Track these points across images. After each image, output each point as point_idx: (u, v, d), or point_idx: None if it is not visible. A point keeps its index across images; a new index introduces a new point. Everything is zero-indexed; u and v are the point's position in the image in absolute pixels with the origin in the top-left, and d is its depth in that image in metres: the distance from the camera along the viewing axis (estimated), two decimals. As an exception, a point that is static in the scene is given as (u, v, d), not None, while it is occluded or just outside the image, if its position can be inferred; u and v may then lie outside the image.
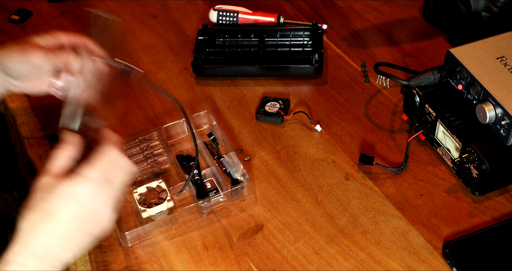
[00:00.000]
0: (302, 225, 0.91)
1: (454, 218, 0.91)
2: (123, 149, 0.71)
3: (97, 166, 0.69)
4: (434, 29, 1.21)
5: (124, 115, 1.09)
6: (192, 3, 1.34)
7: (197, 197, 0.92)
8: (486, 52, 0.94)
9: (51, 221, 0.66)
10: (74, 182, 0.67)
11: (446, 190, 0.95)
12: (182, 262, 0.88)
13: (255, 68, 1.13)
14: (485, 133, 0.91)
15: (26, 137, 1.07)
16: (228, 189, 0.93)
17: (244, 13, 1.23)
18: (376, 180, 0.97)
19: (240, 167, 0.95)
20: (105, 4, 1.34)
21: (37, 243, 0.65)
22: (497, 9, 1.05)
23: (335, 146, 1.02)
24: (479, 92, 0.91)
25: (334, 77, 1.14)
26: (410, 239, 0.89)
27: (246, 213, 0.93)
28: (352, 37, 1.22)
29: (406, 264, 0.86)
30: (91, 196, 0.68)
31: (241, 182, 0.94)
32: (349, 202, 0.94)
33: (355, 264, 0.86)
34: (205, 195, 0.93)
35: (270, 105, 1.07)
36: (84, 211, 0.67)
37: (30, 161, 1.04)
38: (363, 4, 1.30)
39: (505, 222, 0.88)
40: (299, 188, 0.96)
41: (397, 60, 1.17)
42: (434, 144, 0.99)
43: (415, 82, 0.96)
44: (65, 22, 1.30)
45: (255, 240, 0.90)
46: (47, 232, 0.65)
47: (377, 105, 1.09)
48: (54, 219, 0.66)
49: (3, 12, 1.32)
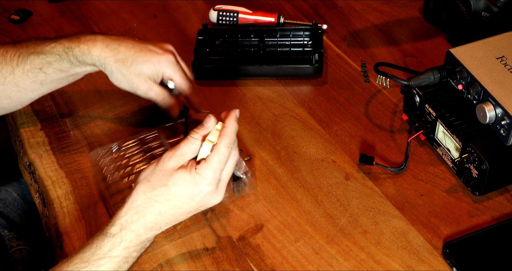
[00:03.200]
0: (302, 225, 0.91)
1: (454, 218, 0.91)
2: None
3: (216, 167, 0.77)
4: (434, 29, 1.21)
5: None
6: (192, 3, 1.34)
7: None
8: (486, 52, 0.94)
9: (165, 204, 0.76)
10: (194, 180, 0.76)
11: (446, 190, 0.95)
12: (182, 262, 0.88)
13: (255, 68, 1.13)
14: (485, 133, 0.91)
15: (26, 137, 1.07)
16: (230, 186, 0.94)
17: (244, 13, 1.23)
18: (376, 180, 0.97)
19: (242, 164, 0.95)
20: (105, 4, 1.34)
21: (149, 218, 0.76)
22: (497, 9, 1.05)
23: (335, 146, 1.02)
24: (479, 92, 0.91)
25: (334, 77, 1.14)
26: (410, 239, 0.89)
27: (246, 213, 0.93)
28: (352, 37, 1.23)
29: (406, 264, 0.86)
30: (204, 195, 0.77)
31: (243, 179, 0.94)
32: (349, 202, 0.94)
33: (355, 264, 0.86)
34: None
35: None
36: (195, 204, 0.78)
37: (30, 161, 1.04)
38: (363, 4, 1.30)
39: (505, 222, 0.88)
40: (299, 188, 0.96)
41: (397, 60, 1.17)
42: (434, 144, 0.99)
43: (415, 82, 0.96)
44: (65, 22, 1.30)
45: (255, 240, 0.90)
46: (160, 211, 0.76)
47: (377, 105, 1.09)
48: (168, 203, 0.76)
49: (3, 12, 1.32)
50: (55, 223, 0.95)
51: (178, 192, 0.76)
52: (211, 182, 0.77)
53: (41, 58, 0.90)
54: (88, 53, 0.91)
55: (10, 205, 1.15)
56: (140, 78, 0.93)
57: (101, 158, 0.98)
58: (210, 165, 0.77)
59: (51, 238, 0.97)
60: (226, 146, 0.78)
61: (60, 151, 1.04)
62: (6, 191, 1.16)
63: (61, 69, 0.91)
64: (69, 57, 0.91)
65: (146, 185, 0.77)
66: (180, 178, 0.76)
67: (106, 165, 0.97)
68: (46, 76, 0.92)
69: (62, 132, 1.07)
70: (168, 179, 0.76)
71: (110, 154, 0.98)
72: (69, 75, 0.94)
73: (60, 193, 0.98)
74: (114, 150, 0.99)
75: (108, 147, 0.99)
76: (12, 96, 0.93)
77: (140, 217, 0.76)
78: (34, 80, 0.92)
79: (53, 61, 0.91)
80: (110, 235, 0.76)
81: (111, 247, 0.75)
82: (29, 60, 0.90)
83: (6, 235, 1.10)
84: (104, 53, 0.91)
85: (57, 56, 0.90)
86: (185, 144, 0.78)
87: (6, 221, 1.12)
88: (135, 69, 0.92)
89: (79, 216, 0.94)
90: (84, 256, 0.75)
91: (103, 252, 0.75)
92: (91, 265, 0.74)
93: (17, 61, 0.90)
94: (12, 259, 1.07)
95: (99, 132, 1.07)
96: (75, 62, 0.91)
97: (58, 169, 1.01)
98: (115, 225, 0.76)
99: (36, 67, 0.90)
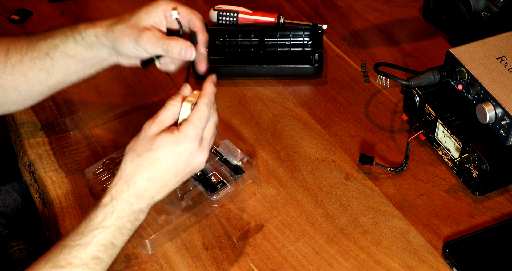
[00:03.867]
0: (302, 225, 0.91)
1: (454, 218, 0.91)
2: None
3: (197, 124, 0.78)
4: (434, 29, 1.21)
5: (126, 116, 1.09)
6: (192, 3, 1.33)
7: (209, 192, 0.93)
8: (486, 52, 0.94)
9: (153, 168, 0.77)
10: (177, 139, 0.77)
11: (446, 190, 0.95)
12: (182, 262, 0.88)
13: (255, 68, 1.13)
14: (485, 133, 0.91)
15: (26, 137, 1.07)
16: (232, 177, 0.94)
17: (244, 13, 1.23)
18: (376, 180, 0.97)
19: (237, 152, 0.95)
20: (105, 4, 1.34)
21: (138, 185, 0.76)
22: (497, 9, 1.05)
23: (335, 146, 1.02)
24: (479, 92, 0.91)
25: (334, 77, 1.14)
26: (410, 239, 0.89)
27: (246, 213, 0.93)
28: (352, 37, 1.23)
29: (406, 264, 0.86)
30: (189, 152, 0.78)
31: (240, 166, 0.95)
32: (349, 202, 0.94)
33: (355, 264, 0.86)
34: (214, 189, 0.94)
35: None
36: (181, 163, 0.78)
37: (30, 161, 1.04)
38: (363, 4, 1.30)
39: (505, 222, 0.88)
40: (299, 188, 0.96)
41: (397, 60, 1.17)
42: (434, 144, 0.99)
43: (415, 82, 0.96)
44: (65, 22, 1.30)
45: (255, 240, 0.90)
46: (148, 177, 0.77)
47: (377, 105, 1.09)
48: (155, 167, 0.77)
49: (3, 12, 1.32)
50: (55, 223, 0.95)
51: (163, 154, 0.77)
52: (193, 139, 0.78)
53: (48, 42, 0.89)
54: (92, 26, 0.88)
55: (10, 205, 1.15)
56: (139, 25, 0.85)
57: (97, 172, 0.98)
58: (191, 123, 0.78)
59: (51, 238, 0.97)
60: (206, 104, 0.79)
61: (60, 151, 1.04)
62: (6, 191, 1.16)
63: (67, 53, 0.89)
64: (74, 35, 0.88)
65: (132, 154, 0.77)
66: (163, 139, 0.77)
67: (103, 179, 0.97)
68: (52, 62, 0.89)
69: (62, 133, 1.07)
70: (152, 143, 0.77)
71: (105, 167, 0.98)
72: (76, 62, 0.90)
73: (60, 193, 0.98)
74: (108, 163, 0.99)
75: (102, 162, 0.98)
76: (20, 89, 0.91)
77: (130, 186, 0.76)
78: (41, 68, 0.89)
79: (59, 43, 0.88)
80: (102, 205, 0.76)
81: (104, 217, 0.75)
82: (37, 47, 0.89)
83: (6, 234, 1.10)
84: (106, 21, 0.88)
85: (63, 36, 0.89)
86: (163, 110, 0.79)
87: (6, 220, 1.12)
88: (134, 20, 0.86)
89: (79, 216, 0.94)
90: (79, 229, 0.75)
91: (96, 223, 0.75)
92: (86, 237, 0.75)
93: (26, 49, 0.89)
94: (12, 258, 1.07)
95: (99, 132, 1.07)
96: (80, 40, 0.88)
97: (58, 169, 1.01)
98: (106, 196, 0.76)
99: (43, 52, 0.89)
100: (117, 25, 0.86)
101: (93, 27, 0.88)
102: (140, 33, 0.84)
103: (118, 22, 0.86)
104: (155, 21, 0.86)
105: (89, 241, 0.74)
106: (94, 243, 0.74)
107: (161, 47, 0.83)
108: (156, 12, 0.85)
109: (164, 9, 0.86)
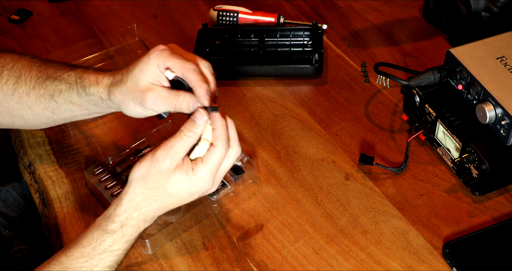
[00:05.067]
0: (302, 225, 0.91)
1: (454, 218, 0.91)
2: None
3: (213, 169, 0.78)
4: (434, 29, 1.21)
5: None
6: (192, 3, 1.34)
7: (210, 194, 0.93)
8: (486, 52, 0.94)
9: (164, 202, 0.78)
10: (192, 182, 0.77)
11: (446, 190, 0.95)
12: (182, 262, 0.88)
13: (255, 68, 1.13)
14: (485, 133, 0.91)
15: (26, 137, 1.07)
16: (232, 177, 0.94)
17: (244, 13, 1.23)
18: (376, 180, 0.97)
19: None
20: (105, 4, 1.34)
21: (148, 214, 0.79)
22: (497, 9, 1.05)
23: (335, 146, 1.02)
24: (479, 92, 0.91)
25: (334, 77, 1.14)
26: (410, 239, 0.89)
27: (246, 213, 0.94)
28: (352, 37, 1.23)
29: (406, 264, 0.86)
30: (202, 192, 0.79)
31: (241, 167, 0.95)
32: (349, 202, 0.94)
33: (355, 264, 0.86)
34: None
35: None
36: (191, 199, 0.80)
37: (30, 161, 1.04)
38: (363, 4, 1.30)
39: (505, 222, 0.88)
40: (299, 188, 0.96)
41: (397, 60, 1.17)
42: (434, 144, 0.99)
43: (415, 82, 0.96)
44: (65, 22, 1.30)
45: (255, 240, 0.90)
46: (158, 208, 0.79)
47: (377, 105, 1.09)
48: (167, 202, 0.79)
49: (3, 12, 1.32)
50: (55, 223, 0.95)
51: (176, 193, 0.78)
52: (208, 181, 0.78)
53: (55, 84, 0.86)
54: (95, 84, 0.84)
55: (11, 205, 1.15)
56: (140, 87, 0.80)
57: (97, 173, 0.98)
58: (208, 166, 0.77)
59: (51, 238, 0.97)
60: (223, 146, 0.77)
61: (60, 151, 1.04)
62: (7, 191, 1.16)
63: (71, 101, 0.86)
64: (78, 88, 0.85)
65: (143, 186, 0.77)
66: (177, 179, 0.77)
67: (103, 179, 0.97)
68: (57, 105, 0.87)
69: (62, 133, 1.07)
70: (166, 181, 0.77)
71: (104, 167, 0.98)
72: (82, 110, 0.87)
73: (60, 193, 0.98)
74: (108, 163, 0.99)
75: (102, 162, 0.98)
76: (26, 118, 0.90)
77: (140, 214, 0.78)
78: (46, 107, 0.87)
79: (64, 90, 0.86)
80: (111, 231, 0.77)
81: (112, 242, 0.77)
82: (44, 85, 0.87)
83: (7, 234, 1.10)
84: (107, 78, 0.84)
85: (68, 85, 0.85)
86: (178, 142, 0.77)
87: (7, 220, 1.12)
88: (132, 81, 0.80)
89: (79, 216, 0.94)
90: (84, 250, 0.76)
91: (104, 247, 0.77)
92: (92, 259, 0.76)
93: (35, 83, 0.87)
94: (13, 258, 1.07)
95: (99, 132, 1.07)
96: (84, 96, 0.84)
97: (58, 169, 1.01)
98: (115, 222, 0.77)
99: (48, 93, 0.86)
100: (117, 87, 0.82)
101: (97, 85, 0.83)
102: (143, 95, 0.79)
103: (117, 85, 0.82)
104: (154, 78, 0.79)
105: (95, 264, 0.76)
106: (100, 265, 0.77)
107: (169, 106, 0.79)
108: (150, 68, 0.79)
109: (157, 64, 0.79)
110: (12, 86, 0.87)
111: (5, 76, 0.87)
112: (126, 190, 0.78)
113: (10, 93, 0.87)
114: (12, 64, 0.88)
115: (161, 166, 0.76)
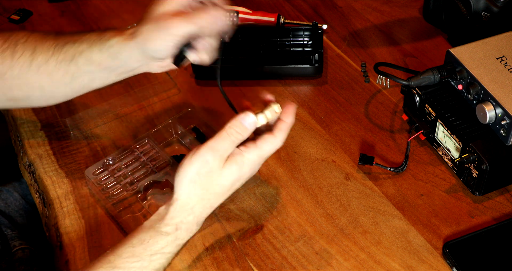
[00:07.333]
0: (302, 225, 0.91)
1: (454, 218, 0.91)
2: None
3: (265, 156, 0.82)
4: (434, 29, 1.21)
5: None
6: (192, 3, 1.33)
7: None
8: (486, 52, 0.94)
9: (217, 198, 0.81)
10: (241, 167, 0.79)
11: (446, 190, 0.95)
12: (182, 262, 0.88)
13: (255, 68, 1.13)
14: (485, 133, 0.91)
15: (26, 137, 1.07)
16: None
17: (244, 13, 1.23)
18: (376, 180, 0.97)
19: None
20: (105, 4, 1.34)
21: (201, 215, 0.80)
22: (497, 9, 1.05)
23: (335, 146, 1.02)
24: (479, 92, 0.91)
25: (334, 77, 1.14)
26: (410, 239, 0.89)
27: (246, 213, 0.94)
28: (352, 37, 1.23)
29: (406, 264, 0.86)
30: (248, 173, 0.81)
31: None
32: (349, 202, 0.94)
33: (355, 264, 0.86)
34: None
35: None
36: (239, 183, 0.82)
37: (30, 161, 1.04)
38: (363, 4, 1.30)
39: (505, 222, 0.88)
40: (299, 188, 0.96)
41: (397, 60, 1.17)
42: (434, 144, 0.99)
43: (415, 82, 0.96)
44: (65, 22, 1.30)
45: (255, 240, 0.90)
46: (210, 205, 0.80)
47: (377, 105, 1.09)
48: (219, 196, 0.81)
49: (3, 12, 1.32)
50: (55, 223, 0.95)
51: (229, 184, 0.80)
52: (257, 165, 0.82)
53: (75, 46, 0.87)
54: (119, 34, 0.84)
55: (12, 204, 1.15)
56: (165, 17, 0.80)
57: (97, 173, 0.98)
58: (261, 151, 0.81)
59: (51, 238, 0.97)
60: (282, 140, 0.82)
61: (60, 151, 1.04)
62: (7, 191, 1.16)
63: (92, 60, 0.86)
64: (99, 43, 0.85)
65: (196, 188, 0.78)
66: (229, 171, 0.79)
67: (103, 179, 0.97)
68: (77, 68, 0.87)
69: (62, 133, 1.07)
70: (219, 178, 0.79)
71: (105, 167, 0.98)
72: (101, 70, 0.87)
73: (60, 193, 0.98)
74: (108, 163, 0.99)
75: (102, 162, 0.98)
76: (45, 88, 0.90)
77: (194, 217, 0.79)
78: (66, 71, 0.88)
79: (85, 50, 0.86)
80: (165, 233, 0.77)
81: (165, 244, 0.78)
82: (64, 49, 0.87)
83: (9, 234, 1.10)
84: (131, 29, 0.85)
85: (89, 43, 0.86)
86: (226, 142, 0.79)
87: (8, 220, 1.12)
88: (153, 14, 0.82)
89: (79, 216, 0.94)
90: (135, 250, 0.76)
91: (156, 249, 0.77)
92: (143, 260, 0.76)
93: (53, 51, 0.88)
94: (15, 258, 1.07)
95: (99, 132, 1.07)
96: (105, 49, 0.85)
97: (58, 169, 1.01)
98: (169, 224, 0.78)
99: (69, 57, 0.87)
100: (143, 26, 0.82)
101: (121, 34, 0.84)
102: (167, 21, 0.80)
103: (141, 25, 0.82)
104: (174, 7, 0.81)
105: (146, 265, 0.77)
106: (150, 267, 0.77)
107: (194, 25, 0.80)
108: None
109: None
110: (28, 58, 0.87)
111: (20, 50, 0.87)
112: (177, 197, 0.79)
113: (27, 65, 0.87)
114: (25, 38, 0.88)
115: (211, 166, 0.78)
